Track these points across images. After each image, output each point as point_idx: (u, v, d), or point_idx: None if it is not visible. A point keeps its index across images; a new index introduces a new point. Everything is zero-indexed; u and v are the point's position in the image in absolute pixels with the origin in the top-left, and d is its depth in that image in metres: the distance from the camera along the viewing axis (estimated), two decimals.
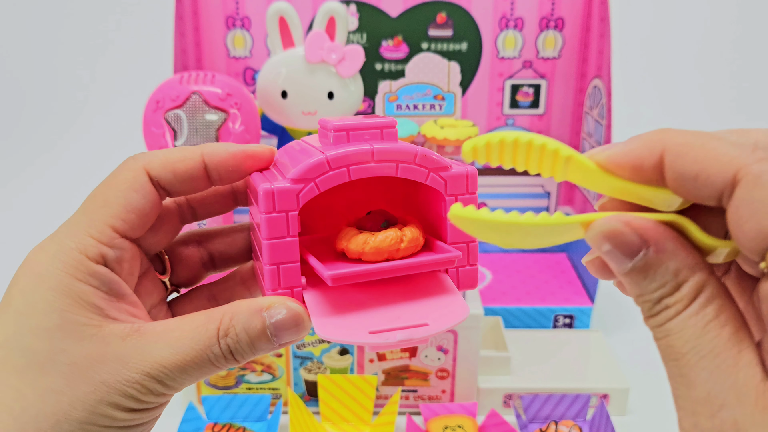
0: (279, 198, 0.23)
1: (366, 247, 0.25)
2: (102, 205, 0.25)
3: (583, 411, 0.57)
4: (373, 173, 0.24)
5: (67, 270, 0.23)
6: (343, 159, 0.24)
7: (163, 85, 0.54)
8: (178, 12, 0.64)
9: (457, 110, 0.67)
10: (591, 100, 0.69)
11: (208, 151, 0.26)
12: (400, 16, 0.69)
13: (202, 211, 0.29)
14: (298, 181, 0.23)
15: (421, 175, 0.24)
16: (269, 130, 0.64)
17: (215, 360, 0.23)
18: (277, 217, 0.23)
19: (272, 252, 0.24)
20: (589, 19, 0.70)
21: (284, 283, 0.24)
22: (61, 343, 0.22)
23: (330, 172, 0.24)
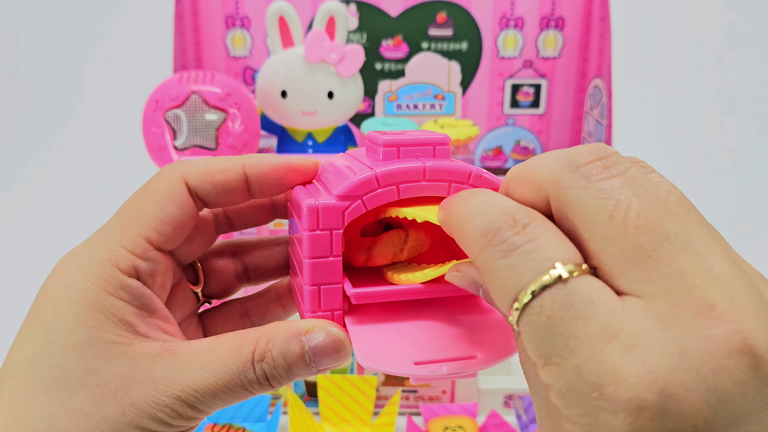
0: (324, 215, 0.22)
1: (369, 252, 0.25)
2: (137, 216, 0.24)
3: None
4: (423, 192, 0.23)
5: (98, 283, 0.22)
6: (393, 176, 0.22)
7: (163, 84, 0.54)
8: (178, 11, 0.64)
9: (458, 110, 0.67)
10: (591, 100, 0.69)
11: (249, 163, 0.25)
12: (400, 15, 0.69)
13: (239, 222, 0.28)
14: (345, 197, 0.22)
15: None
16: (269, 129, 0.64)
17: (249, 385, 0.22)
18: (320, 235, 0.22)
19: (313, 272, 0.22)
20: (589, 19, 0.70)
21: (324, 305, 0.23)
22: (91, 361, 0.21)
23: (378, 189, 0.22)
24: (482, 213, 0.19)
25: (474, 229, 0.19)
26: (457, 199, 0.21)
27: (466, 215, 0.19)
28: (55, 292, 0.22)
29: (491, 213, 0.19)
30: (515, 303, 0.17)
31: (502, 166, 0.76)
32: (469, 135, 0.61)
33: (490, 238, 0.18)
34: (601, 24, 0.66)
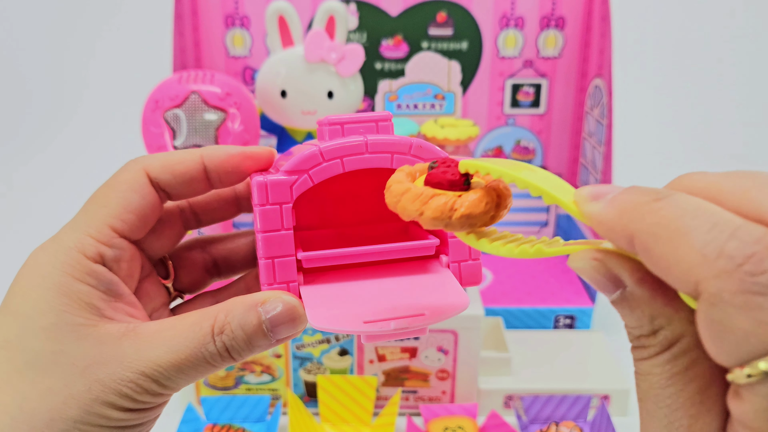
0: (272, 190, 0.23)
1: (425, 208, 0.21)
2: (102, 206, 0.25)
3: (584, 412, 0.57)
4: (367, 164, 0.24)
5: (65, 269, 0.23)
6: (336, 150, 0.24)
7: (162, 84, 0.54)
8: (177, 11, 0.64)
9: (458, 110, 0.67)
10: (592, 100, 0.69)
11: (207, 153, 0.26)
12: (400, 15, 0.69)
13: (206, 218, 0.29)
14: (292, 172, 0.23)
15: (419, 167, 0.24)
16: (269, 129, 0.64)
17: (211, 358, 0.23)
18: (270, 210, 0.23)
19: (267, 245, 0.23)
20: (590, 18, 0.69)
21: (280, 277, 0.24)
22: (60, 343, 0.22)
23: (324, 163, 0.24)
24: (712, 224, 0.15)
25: (705, 243, 0.15)
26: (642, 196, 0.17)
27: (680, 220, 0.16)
28: (25, 280, 0.24)
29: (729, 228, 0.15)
30: (762, 361, 0.15)
31: None
32: (470, 135, 0.61)
33: (740, 263, 0.14)
34: (601, 23, 0.66)
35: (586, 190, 0.19)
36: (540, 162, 0.75)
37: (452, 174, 0.21)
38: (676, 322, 0.18)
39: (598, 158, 0.67)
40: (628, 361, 0.65)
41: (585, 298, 0.70)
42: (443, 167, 0.22)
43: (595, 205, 0.18)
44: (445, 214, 0.21)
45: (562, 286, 0.72)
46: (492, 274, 0.75)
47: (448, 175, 0.21)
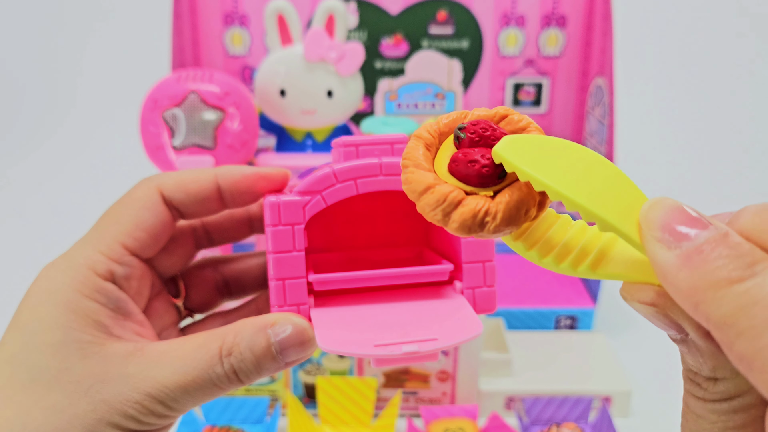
0: (285, 210, 0.23)
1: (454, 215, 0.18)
2: (113, 223, 0.25)
3: (585, 413, 0.57)
4: (381, 186, 0.23)
5: (74, 286, 0.23)
6: (350, 171, 0.23)
7: (161, 83, 0.53)
8: (176, 9, 0.64)
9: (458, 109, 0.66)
10: (593, 99, 0.68)
11: (221, 173, 0.26)
12: (401, 13, 0.68)
13: (218, 237, 0.28)
14: (305, 193, 0.23)
15: None
16: (268, 128, 0.63)
17: (218, 381, 0.22)
18: (282, 231, 0.23)
19: (278, 266, 0.23)
20: (591, 17, 0.69)
21: (290, 299, 0.23)
22: (65, 360, 0.22)
23: (337, 184, 0.23)
24: None
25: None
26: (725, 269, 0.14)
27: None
28: (35, 296, 0.23)
29: None
30: None
31: None
32: None
33: None
34: (603, 22, 0.65)
35: (657, 218, 0.15)
36: None
37: (482, 166, 0.17)
38: (741, 378, 0.16)
39: None
40: (630, 363, 0.64)
41: (587, 298, 0.70)
42: (470, 150, 0.18)
43: (666, 255, 0.15)
44: (475, 226, 0.17)
45: (564, 286, 0.72)
46: None
47: (477, 166, 0.18)
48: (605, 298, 0.72)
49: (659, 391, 0.61)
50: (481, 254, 0.24)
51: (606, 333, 0.69)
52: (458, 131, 0.19)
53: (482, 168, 0.18)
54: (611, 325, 0.71)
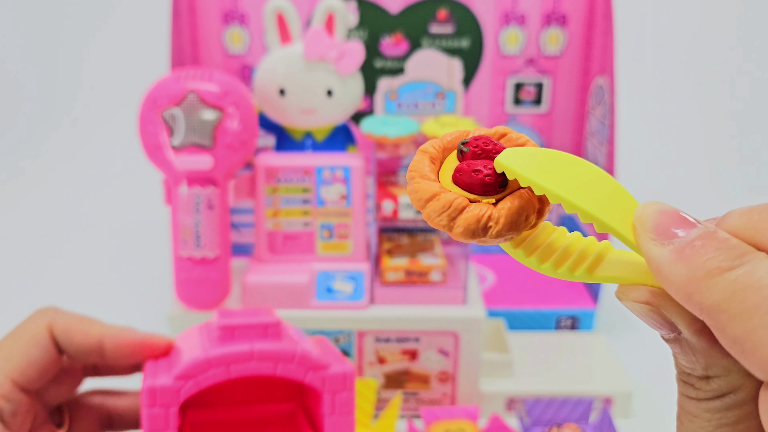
0: (160, 395, 0.24)
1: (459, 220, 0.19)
2: (5, 359, 0.26)
3: (586, 414, 0.57)
4: (253, 371, 0.25)
5: None
6: (224, 358, 0.25)
7: (159, 82, 0.53)
8: (175, 8, 0.63)
9: (459, 108, 0.66)
10: (594, 99, 0.68)
11: (109, 333, 0.27)
12: (401, 12, 0.68)
13: (105, 372, 0.30)
14: (181, 378, 0.25)
15: (300, 373, 0.26)
16: (267, 128, 0.63)
17: None
18: (157, 413, 0.25)
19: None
20: (592, 16, 0.69)
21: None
22: None
23: (211, 370, 0.25)
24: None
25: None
26: (716, 260, 0.15)
27: (760, 296, 0.14)
28: None
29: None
30: None
31: None
32: None
33: None
34: (604, 21, 0.65)
35: (650, 220, 0.16)
36: None
37: (485, 175, 0.19)
38: (734, 374, 0.16)
39: (600, 157, 0.66)
40: (631, 363, 0.64)
41: (588, 299, 0.69)
42: (473, 162, 0.19)
43: (660, 251, 0.16)
44: (479, 230, 0.18)
45: (565, 287, 0.72)
46: (494, 275, 0.74)
47: (480, 175, 0.19)
48: (606, 298, 0.72)
49: (660, 392, 0.61)
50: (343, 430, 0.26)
51: (607, 334, 0.68)
52: (461, 146, 0.20)
53: (485, 177, 0.19)
54: (612, 326, 0.71)
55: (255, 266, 0.60)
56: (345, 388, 0.26)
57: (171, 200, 0.55)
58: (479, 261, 0.76)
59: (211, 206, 0.54)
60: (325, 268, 0.59)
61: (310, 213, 0.60)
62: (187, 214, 0.54)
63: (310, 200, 0.60)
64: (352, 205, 0.60)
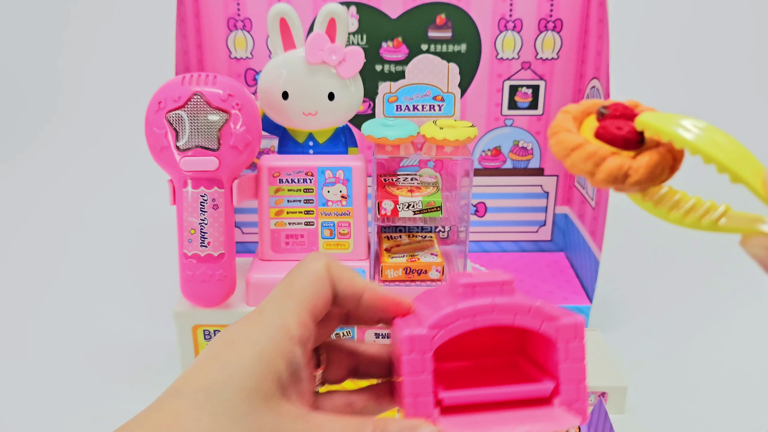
0: (417, 342, 0.28)
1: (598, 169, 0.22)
2: (300, 292, 0.28)
3: None
4: (494, 322, 0.29)
5: (272, 344, 0.26)
6: (470, 310, 0.28)
7: (165, 85, 0.54)
8: (180, 14, 0.65)
9: (457, 111, 0.67)
10: None
11: (369, 287, 0.30)
12: (400, 17, 0.69)
13: (353, 321, 0.33)
14: (434, 327, 0.28)
15: (536, 324, 0.29)
16: (270, 130, 0.64)
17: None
18: (414, 358, 0.28)
19: (410, 387, 0.28)
20: (587, 21, 0.70)
21: (420, 412, 0.28)
22: (252, 405, 0.25)
23: (459, 320, 0.28)
24: None
25: None
26: None
27: None
28: (239, 342, 0.26)
29: None
30: None
31: (501, 167, 0.76)
32: (468, 135, 0.61)
33: None
34: (598, 26, 0.66)
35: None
36: (538, 163, 0.76)
37: (627, 131, 0.22)
38: None
39: None
40: (626, 359, 0.65)
41: (582, 296, 0.71)
42: (615, 120, 0.22)
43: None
44: (619, 179, 0.21)
45: (560, 284, 0.73)
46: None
47: (623, 131, 0.22)
48: (600, 295, 0.73)
49: (654, 387, 0.62)
50: (577, 375, 0.29)
51: (601, 330, 0.70)
52: (602, 108, 0.23)
53: (628, 132, 0.22)
54: (606, 322, 0.72)
55: (259, 264, 0.61)
56: (576, 336, 0.29)
57: (177, 200, 0.56)
58: (476, 259, 0.78)
59: (216, 206, 0.56)
60: None
61: (312, 212, 0.61)
62: (193, 214, 0.56)
63: (312, 200, 0.61)
64: (353, 205, 0.61)
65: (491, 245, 0.80)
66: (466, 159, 0.63)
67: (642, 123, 0.21)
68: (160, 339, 0.68)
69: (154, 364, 0.64)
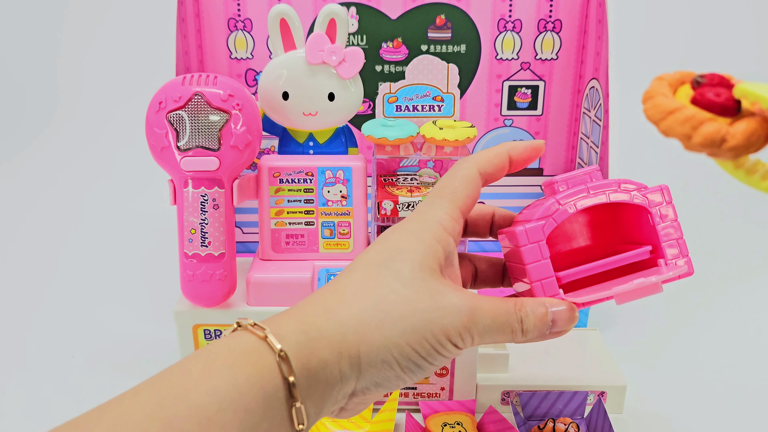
0: (530, 233, 0.32)
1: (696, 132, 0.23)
2: (452, 191, 0.33)
3: (580, 408, 0.58)
4: (591, 203, 0.32)
5: (430, 232, 0.32)
6: (567, 197, 0.32)
7: (166, 86, 0.54)
8: (180, 14, 0.65)
9: (456, 111, 0.68)
10: (588, 102, 0.70)
11: (510, 147, 0.35)
12: (400, 17, 0.70)
13: (468, 233, 0.38)
14: (540, 219, 0.32)
15: (625, 196, 0.32)
16: (270, 130, 0.65)
17: (513, 323, 0.31)
18: (531, 247, 0.32)
19: (534, 272, 0.32)
20: (586, 21, 0.70)
21: (548, 293, 0.32)
22: (420, 273, 0.30)
23: (561, 207, 0.32)
24: None
25: None
26: None
27: None
28: (401, 230, 0.32)
29: None
30: None
31: None
32: (468, 136, 0.62)
33: None
34: (597, 26, 0.67)
35: None
36: (537, 163, 0.76)
37: (725, 98, 0.23)
38: None
39: (594, 159, 0.68)
40: (625, 358, 0.66)
41: None
42: (711, 87, 0.23)
43: None
44: (716, 143, 0.22)
45: None
46: None
47: (721, 98, 0.23)
48: None
49: (653, 386, 0.63)
50: (675, 234, 0.32)
51: (601, 329, 0.70)
52: (698, 77, 0.24)
53: (726, 100, 0.23)
54: (605, 322, 0.72)
55: (259, 264, 0.61)
56: (664, 200, 0.32)
57: (177, 200, 0.56)
58: None
59: (216, 206, 0.56)
60: (327, 265, 0.61)
61: (313, 212, 0.61)
62: (193, 214, 0.56)
63: (313, 200, 0.61)
64: (353, 205, 0.61)
65: (491, 245, 0.80)
66: None
67: (741, 90, 0.22)
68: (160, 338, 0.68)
69: (155, 363, 0.64)
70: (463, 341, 0.30)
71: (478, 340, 0.31)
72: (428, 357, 0.30)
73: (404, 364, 0.30)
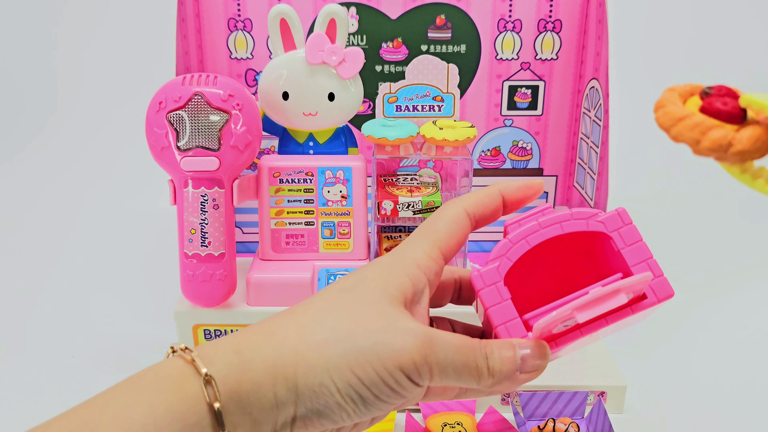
0: (486, 276, 0.31)
1: (704, 137, 0.24)
2: (433, 232, 0.32)
3: (580, 408, 0.58)
4: (544, 237, 0.31)
5: (399, 267, 0.30)
6: (520, 235, 0.31)
7: (166, 86, 0.54)
8: (181, 14, 0.65)
9: (456, 111, 0.68)
10: (588, 102, 0.70)
11: (503, 187, 0.33)
12: (400, 18, 0.70)
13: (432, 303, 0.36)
14: (494, 260, 0.31)
15: (582, 226, 0.31)
16: (270, 130, 0.65)
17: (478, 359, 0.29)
18: (489, 290, 0.31)
19: (495, 316, 0.31)
20: (586, 21, 0.70)
21: (513, 335, 0.30)
22: (378, 299, 0.29)
23: (514, 246, 0.31)
24: None
25: None
26: None
27: None
28: (373, 263, 0.31)
29: None
30: None
31: (500, 167, 0.77)
32: (468, 136, 0.62)
33: None
34: (597, 26, 0.67)
35: None
36: (537, 163, 0.76)
37: (732, 107, 0.24)
38: None
39: (594, 159, 0.68)
40: (625, 359, 0.66)
41: None
42: (719, 97, 0.24)
43: None
44: (722, 148, 0.23)
45: None
46: None
47: (727, 107, 0.24)
48: None
49: (653, 386, 0.63)
50: (643, 255, 0.31)
51: None
52: (707, 88, 0.25)
53: (732, 108, 0.24)
54: None
55: (259, 264, 0.61)
56: (624, 222, 0.31)
57: (177, 200, 0.56)
58: (475, 259, 0.78)
59: (216, 206, 0.56)
60: (327, 265, 0.61)
61: (313, 212, 0.61)
62: (193, 214, 0.56)
63: (313, 200, 0.61)
64: (353, 205, 0.61)
65: (491, 245, 0.80)
66: (465, 159, 0.63)
67: (746, 100, 0.23)
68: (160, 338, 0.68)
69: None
70: (420, 374, 0.27)
71: (438, 377, 0.28)
72: (373, 387, 0.27)
73: (345, 391, 0.27)
